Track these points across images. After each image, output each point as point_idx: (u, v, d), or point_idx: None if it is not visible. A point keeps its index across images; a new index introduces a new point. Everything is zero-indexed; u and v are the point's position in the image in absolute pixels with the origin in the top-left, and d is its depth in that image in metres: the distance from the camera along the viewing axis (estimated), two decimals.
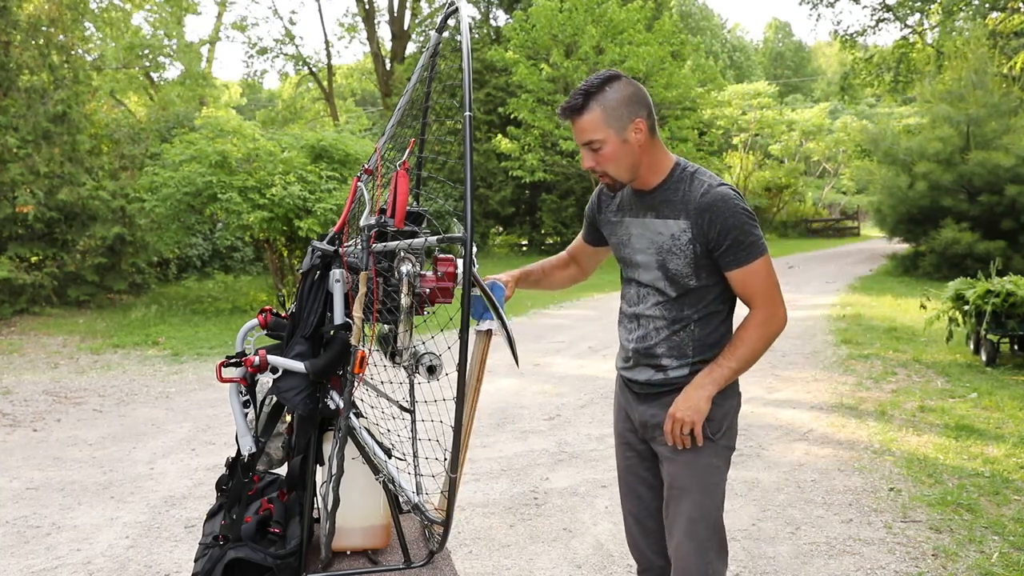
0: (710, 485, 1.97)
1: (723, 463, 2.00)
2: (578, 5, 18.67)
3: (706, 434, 1.95)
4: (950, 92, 15.11)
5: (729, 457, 2.04)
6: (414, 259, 1.86)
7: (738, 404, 2.06)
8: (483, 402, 6.05)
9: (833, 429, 5.12)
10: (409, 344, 1.91)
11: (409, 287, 1.83)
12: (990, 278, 6.82)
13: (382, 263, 1.91)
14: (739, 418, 2.13)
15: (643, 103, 1.89)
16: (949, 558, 3.20)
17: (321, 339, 1.99)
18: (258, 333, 2.17)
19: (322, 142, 11.68)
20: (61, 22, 11.82)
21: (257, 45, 27.58)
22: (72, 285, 11.56)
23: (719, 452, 1.99)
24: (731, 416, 2.02)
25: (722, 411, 1.98)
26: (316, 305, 2.00)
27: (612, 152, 1.86)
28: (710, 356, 1.97)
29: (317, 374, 1.92)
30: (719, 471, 1.99)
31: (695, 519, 1.95)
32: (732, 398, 2.02)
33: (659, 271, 1.95)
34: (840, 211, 36.09)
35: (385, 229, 1.92)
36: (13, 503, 4.15)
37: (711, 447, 1.97)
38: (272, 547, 1.94)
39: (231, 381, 2.05)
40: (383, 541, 2.08)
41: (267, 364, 1.94)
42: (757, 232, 1.87)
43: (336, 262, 1.99)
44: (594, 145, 1.86)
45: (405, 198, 1.97)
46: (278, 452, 2.07)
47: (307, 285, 2.02)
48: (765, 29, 59.40)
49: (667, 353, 1.98)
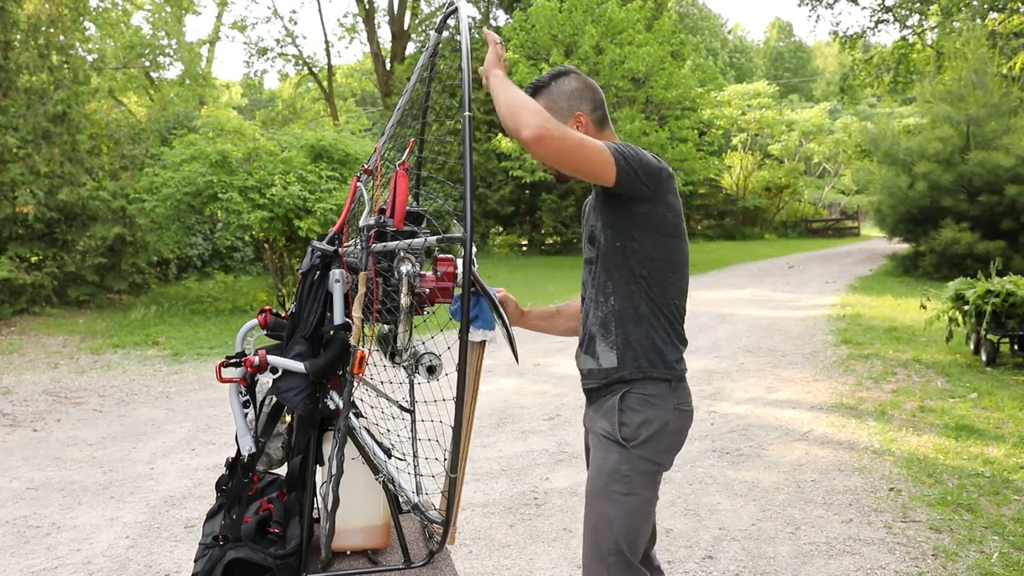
0: (613, 494, 1.84)
1: (635, 474, 1.85)
2: (578, 5, 18.66)
3: (616, 438, 1.86)
4: (950, 92, 15.11)
5: (649, 473, 1.87)
6: (414, 259, 1.86)
7: (671, 420, 1.89)
8: (483, 402, 6.05)
9: (833, 429, 5.12)
10: (409, 344, 1.91)
11: (409, 287, 1.83)
12: (990, 278, 6.82)
13: (382, 263, 1.91)
14: (738, 420, 2.11)
15: (587, 98, 1.94)
16: (949, 558, 3.20)
17: (321, 339, 2.00)
18: (258, 333, 2.17)
19: (322, 142, 11.68)
20: (61, 22, 11.82)
21: (258, 45, 27.60)
22: (72, 285, 11.56)
23: (630, 460, 1.85)
24: (655, 429, 1.86)
25: (639, 417, 1.86)
26: (316, 305, 2.00)
27: None
28: (634, 340, 1.87)
29: (317, 374, 1.92)
30: (628, 482, 1.84)
31: (596, 528, 1.86)
32: (656, 408, 1.87)
33: (588, 242, 1.97)
34: (840, 211, 36.10)
35: (384, 229, 1.92)
36: (13, 503, 4.15)
37: (620, 451, 1.85)
38: (272, 547, 1.94)
39: (231, 381, 2.05)
40: (383, 541, 2.08)
41: (267, 364, 1.94)
42: (622, 145, 1.81)
43: (336, 262, 1.99)
44: None
45: (405, 198, 1.97)
46: (278, 452, 2.07)
47: (307, 285, 2.02)
48: (767, 29, 59.43)
49: (597, 331, 1.92)
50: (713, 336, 8.87)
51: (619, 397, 1.89)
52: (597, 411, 1.96)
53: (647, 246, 1.86)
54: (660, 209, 1.86)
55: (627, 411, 1.87)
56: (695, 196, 28.31)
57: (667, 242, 1.88)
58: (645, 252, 1.86)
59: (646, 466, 1.87)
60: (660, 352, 1.89)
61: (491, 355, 2.03)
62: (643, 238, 1.85)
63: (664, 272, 1.88)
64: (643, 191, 1.81)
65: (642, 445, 1.86)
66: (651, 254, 1.86)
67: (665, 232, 1.87)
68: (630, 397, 1.88)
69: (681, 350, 1.95)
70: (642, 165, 1.79)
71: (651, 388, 1.88)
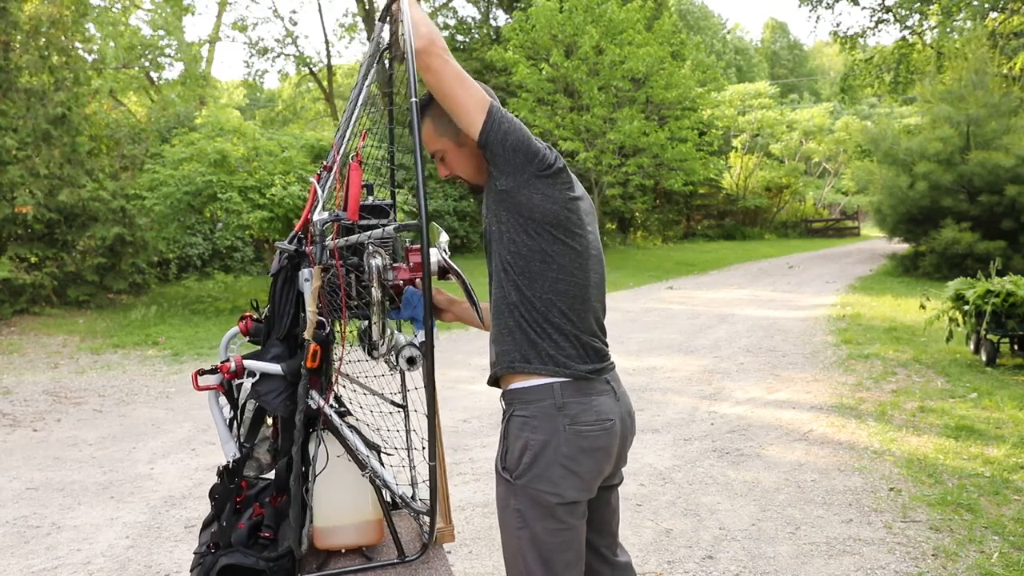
0: (510, 528, 1.71)
1: (525, 508, 1.68)
2: (578, 5, 18.65)
3: (499, 470, 1.74)
4: (950, 92, 15.11)
5: (545, 503, 1.67)
6: (383, 252, 1.86)
7: (560, 444, 1.67)
8: (483, 402, 6.05)
9: (833, 429, 5.12)
10: (385, 338, 1.91)
11: (379, 280, 1.83)
12: (990, 278, 6.82)
13: (351, 259, 1.92)
14: (738, 420, 2.09)
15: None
16: (949, 558, 3.20)
17: (296, 339, 2.00)
18: (241, 340, 2.17)
19: (322, 142, 11.69)
20: (61, 22, 11.81)
21: (259, 45, 27.59)
22: (72, 285, 11.56)
23: (516, 493, 1.69)
24: (538, 454, 1.67)
25: (519, 443, 1.69)
26: (288, 306, 2.01)
27: (453, 159, 1.85)
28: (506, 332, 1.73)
29: (294, 375, 1.93)
30: (519, 516, 1.69)
31: (508, 563, 1.76)
32: (538, 432, 1.68)
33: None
34: (840, 211, 36.09)
35: (339, 222, 1.92)
36: (13, 503, 4.15)
37: (506, 485, 1.72)
38: (264, 551, 1.95)
39: (208, 389, 2.05)
40: (377, 537, 2.08)
41: (243, 369, 1.94)
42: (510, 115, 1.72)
43: (304, 261, 1.99)
44: (438, 155, 1.87)
45: (358, 191, 1.97)
46: (266, 456, 2.08)
47: (278, 287, 2.03)
48: (763, 29, 59.43)
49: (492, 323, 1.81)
50: (713, 336, 8.87)
51: (505, 423, 1.75)
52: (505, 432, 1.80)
53: (513, 230, 1.71)
54: (527, 192, 1.68)
55: (508, 437, 1.72)
56: (695, 196, 28.34)
57: (535, 230, 1.70)
58: (510, 236, 1.71)
59: (540, 497, 1.67)
60: (534, 345, 1.71)
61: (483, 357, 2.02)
62: (509, 220, 1.71)
63: (531, 260, 1.70)
64: (503, 161, 1.66)
65: (525, 475, 1.68)
66: (515, 239, 1.71)
67: (536, 219, 1.69)
68: (512, 422, 1.73)
69: (577, 348, 1.73)
70: (517, 137, 1.66)
71: (532, 409, 1.70)
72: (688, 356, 7.72)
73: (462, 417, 5.63)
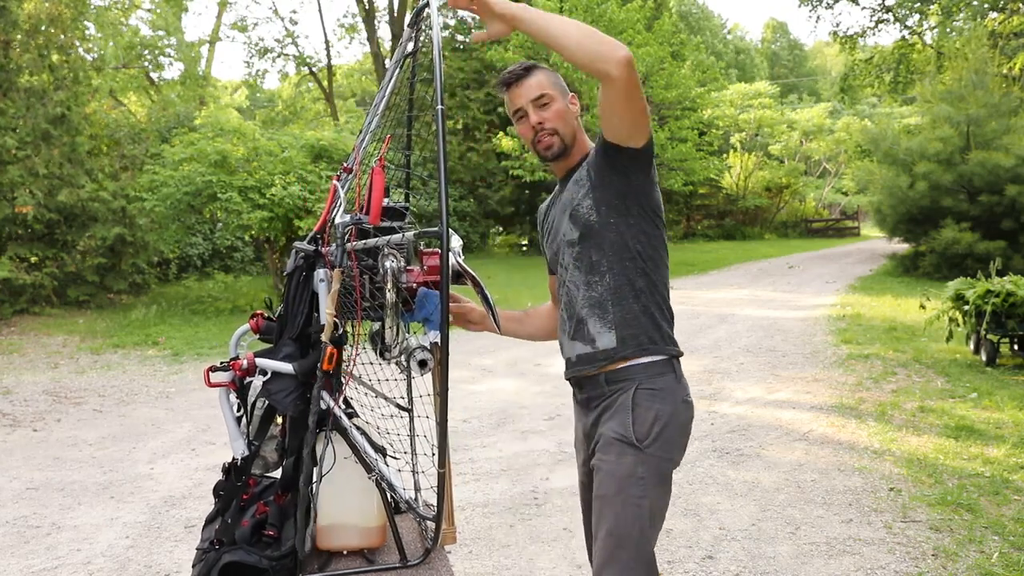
0: (630, 498, 1.78)
1: (650, 476, 1.80)
2: (577, 5, 18.64)
3: (629, 440, 1.81)
4: (950, 92, 15.10)
5: (663, 472, 1.83)
6: (398, 255, 1.86)
7: (679, 413, 1.86)
8: (483, 402, 6.05)
9: (833, 429, 5.12)
10: (398, 340, 1.91)
11: (394, 283, 1.83)
12: (990, 278, 6.82)
13: (366, 260, 1.92)
14: (738, 420, 2.10)
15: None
16: (949, 558, 3.20)
17: (309, 339, 2.00)
18: (251, 338, 2.16)
19: (322, 142, 11.70)
20: (61, 21, 11.81)
21: (259, 45, 27.58)
22: (72, 285, 11.57)
23: (645, 461, 1.80)
24: (666, 424, 1.83)
25: (651, 414, 1.82)
26: (302, 306, 2.01)
27: (560, 110, 1.92)
28: (632, 317, 1.85)
29: (305, 375, 1.93)
30: (643, 484, 1.79)
31: (613, 534, 1.78)
32: (666, 403, 1.84)
33: (569, 222, 1.93)
34: (840, 211, 36.09)
35: (360, 226, 1.92)
36: (13, 503, 4.15)
37: (635, 454, 1.80)
38: (267, 549, 1.95)
39: (220, 386, 2.05)
40: (379, 540, 2.08)
41: (255, 367, 1.94)
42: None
43: (320, 262, 1.99)
44: (544, 99, 1.91)
45: (381, 195, 1.97)
46: (273, 455, 2.07)
47: (292, 286, 2.03)
48: (763, 29, 59.44)
49: (589, 313, 1.88)
50: (713, 336, 8.87)
51: (631, 395, 1.84)
52: (590, 408, 1.92)
53: (642, 221, 1.88)
54: (652, 185, 1.89)
55: (638, 408, 1.83)
56: (695, 196, 28.31)
57: (656, 220, 1.91)
58: (640, 227, 1.87)
59: (661, 467, 1.82)
60: (659, 327, 1.88)
61: (491, 355, 2.02)
62: (639, 212, 1.87)
63: (657, 248, 1.90)
64: (645, 161, 1.85)
65: (654, 443, 1.81)
66: (645, 229, 1.88)
67: (656, 210, 1.91)
68: (640, 393, 1.84)
69: (673, 327, 1.95)
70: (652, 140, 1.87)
71: (659, 382, 1.85)
72: (688, 356, 7.66)
73: (462, 417, 5.63)
